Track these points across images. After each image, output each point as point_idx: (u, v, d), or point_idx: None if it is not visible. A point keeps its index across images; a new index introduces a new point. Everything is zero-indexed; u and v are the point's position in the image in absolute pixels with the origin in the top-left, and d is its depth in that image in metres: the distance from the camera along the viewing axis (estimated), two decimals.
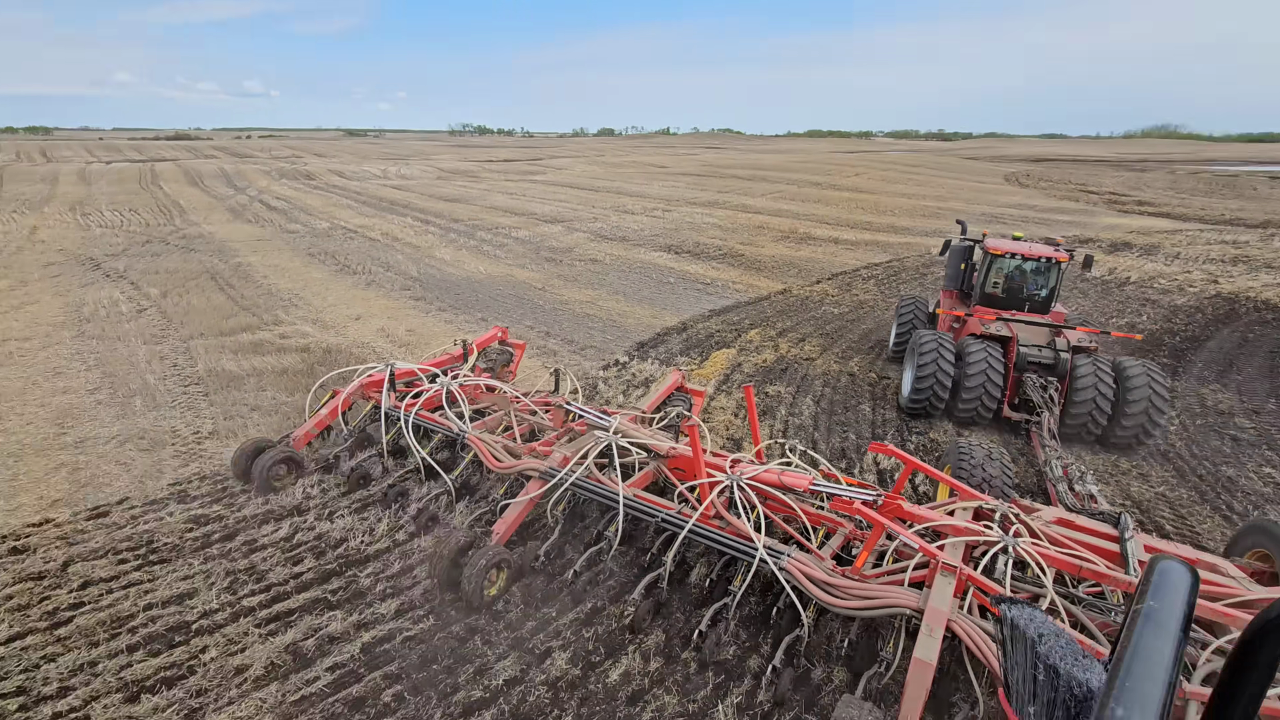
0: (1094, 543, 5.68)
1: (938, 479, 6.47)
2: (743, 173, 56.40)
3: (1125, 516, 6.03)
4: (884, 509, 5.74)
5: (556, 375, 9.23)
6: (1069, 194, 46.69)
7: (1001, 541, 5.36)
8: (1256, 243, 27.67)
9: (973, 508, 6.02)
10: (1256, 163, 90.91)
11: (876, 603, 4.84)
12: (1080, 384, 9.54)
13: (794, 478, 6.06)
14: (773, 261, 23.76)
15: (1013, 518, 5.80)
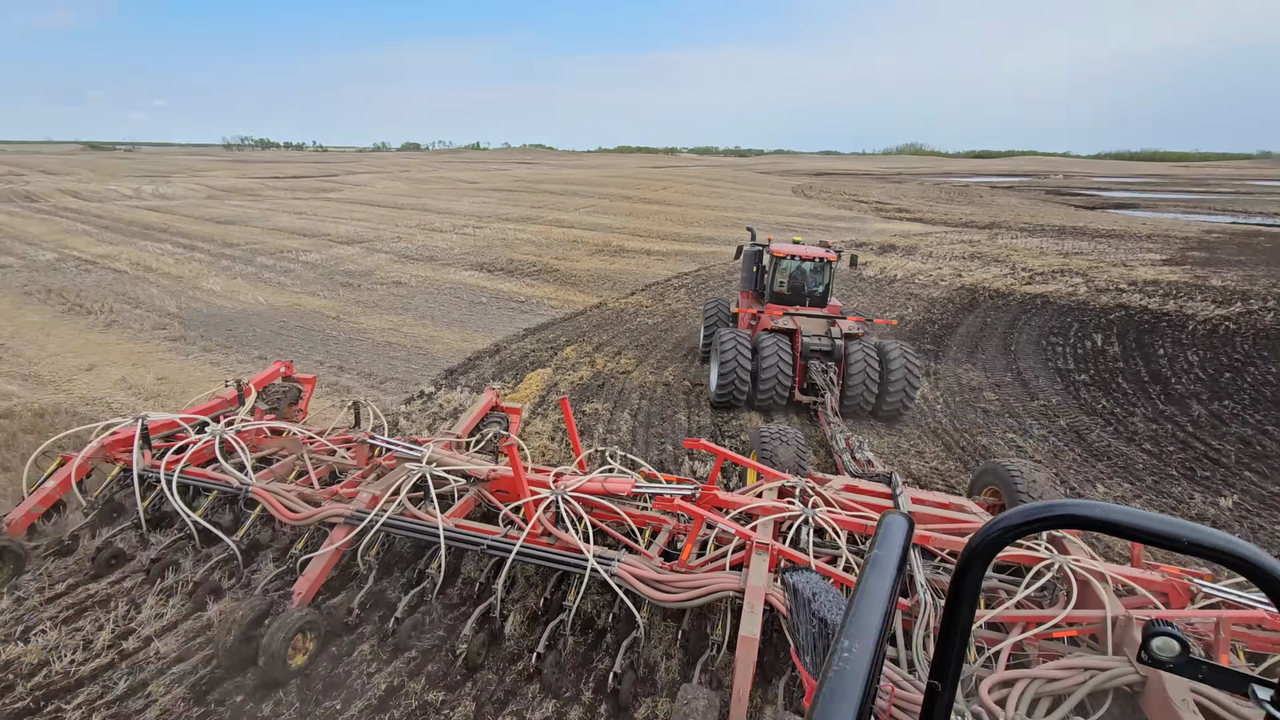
0: (874, 502, 6.49)
1: (744, 465, 7.09)
2: (555, 188, 56.49)
3: (895, 475, 6.94)
4: (702, 501, 6.01)
5: (356, 408, 8.26)
6: (845, 204, 52.76)
7: (803, 514, 5.86)
8: (985, 241, 33.12)
9: (777, 487, 6.50)
10: (981, 175, 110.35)
11: (703, 590, 5.06)
12: (853, 366, 10.89)
13: (617, 483, 6.12)
14: (588, 275, 23.73)
15: (810, 491, 6.37)
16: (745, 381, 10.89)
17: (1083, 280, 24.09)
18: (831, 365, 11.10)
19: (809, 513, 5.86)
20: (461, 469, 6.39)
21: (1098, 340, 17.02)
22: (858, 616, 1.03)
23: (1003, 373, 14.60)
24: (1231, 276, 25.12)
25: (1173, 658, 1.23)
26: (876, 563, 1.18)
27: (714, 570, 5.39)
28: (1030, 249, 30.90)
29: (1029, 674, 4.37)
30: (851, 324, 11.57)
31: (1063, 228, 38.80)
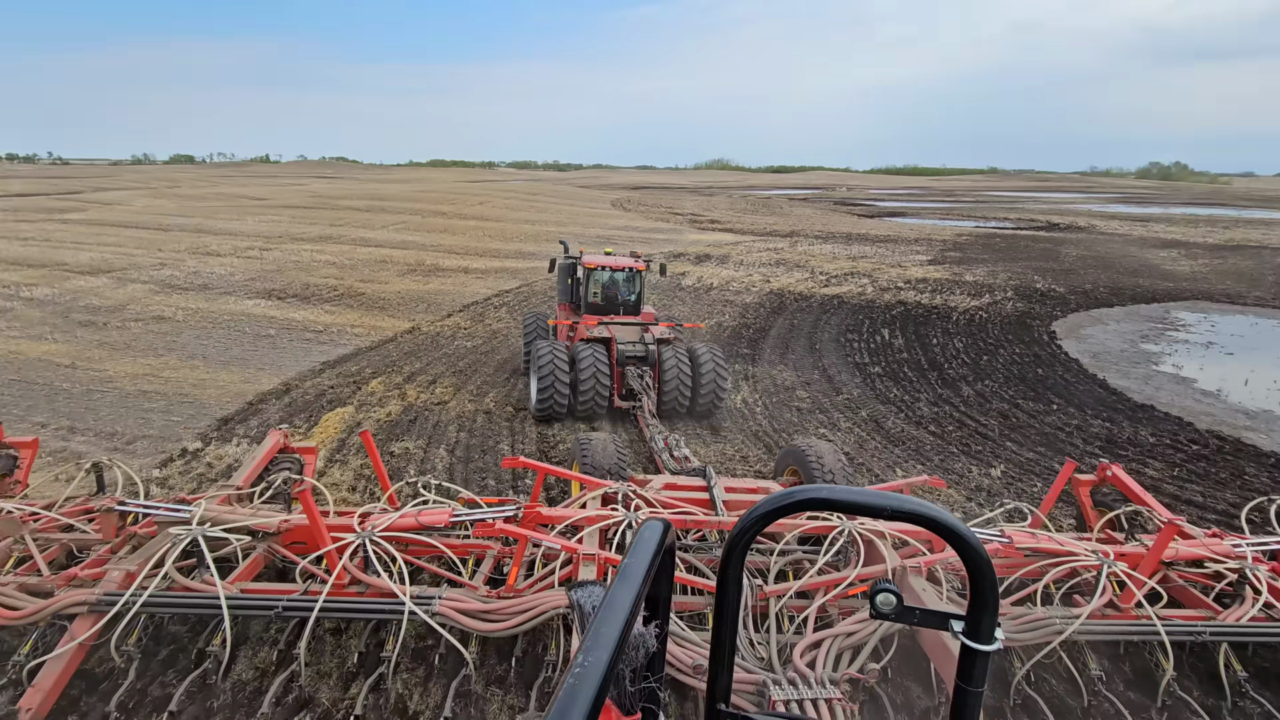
0: (693, 496, 6.72)
1: (564, 477, 7.12)
2: (360, 204, 52.30)
3: (709, 469, 7.20)
4: (525, 520, 5.86)
5: (98, 471, 6.84)
6: (662, 216, 54.84)
7: (626, 519, 5.93)
8: (788, 248, 36.00)
9: (600, 495, 6.51)
10: (779, 188, 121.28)
11: (532, 613, 4.92)
12: (667, 369, 11.38)
13: (433, 515, 5.82)
14: (398, 298, 21.90)
15: (632, 495, 6.43)
16: (565, 392, 11.02)
17: (869, 281, 26.89)
18: (647, 370, 11.48)
19: (632, 516, 5.96)
20: (244, 525, 5.67)
21: (885, 335, 18.90)
22: (596, 629, 1.05)
23: (811, 370, 15.58)
24: (980, 272, 29.55)
25: (892, 609, 1.39)
26: (625, 572, 1.19)
27: (543, 590, 5.23)
28: (825, 254, 34.08)
29: (830, 633, 4.89)
30: (664, 329, 12.02)
31: (850, 234, 43.47)
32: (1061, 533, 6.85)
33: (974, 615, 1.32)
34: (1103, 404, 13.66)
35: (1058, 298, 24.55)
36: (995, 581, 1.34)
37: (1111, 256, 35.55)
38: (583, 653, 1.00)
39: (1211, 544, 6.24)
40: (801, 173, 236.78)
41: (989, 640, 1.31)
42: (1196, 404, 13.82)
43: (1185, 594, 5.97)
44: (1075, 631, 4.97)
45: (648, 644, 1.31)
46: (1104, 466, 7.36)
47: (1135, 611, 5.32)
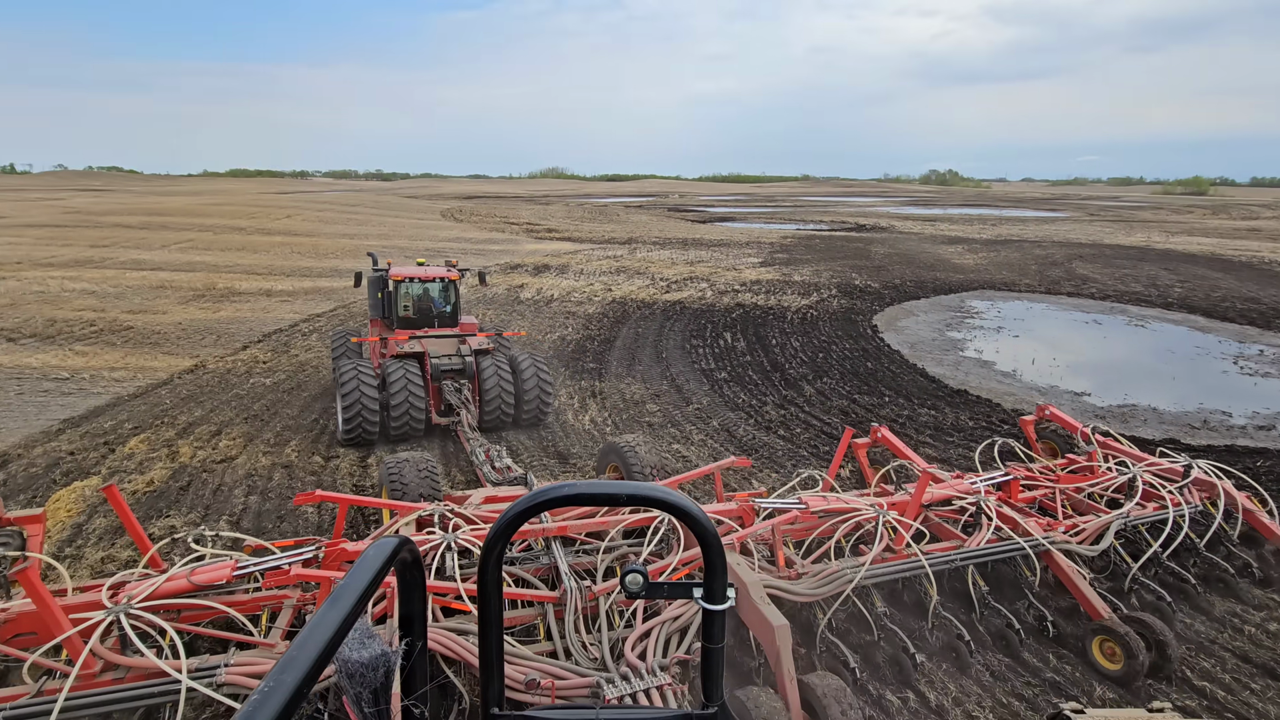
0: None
1: (371, 505, 6.82)
2: (134, 220, 44.57)
3: (529, 476, 7.34)
4: (328, 560, 5.48)
5: None
6: (496, 226, 52.75)
7: (443, 541, 5.62)
8: (627, 255, 35.89)
9: (414, 519, 6.11)
10: (615, 196, 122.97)
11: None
12: (487, 381, 11.07)
13: (210, 572, 5.13)
14: (179, 331, 18.39)
15: (450, 515, 6.14)
16: (375, 413, 10.37)
17: (708, 285, 27.36)
18: (465, 383, 11.17)
19: (449, 538, 5.67)
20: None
21: (728, 338, 19.02)
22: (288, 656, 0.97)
23: (659, 381, 15.08)
24: (806, 272, 31.33)
25: (640, 588, 1.47)
26: (333, 595, 1.12)
27: None
28: (664, 260, 34.39)
29: (658, 621, 5.06)
30: (482, 340, 11.67)
31: (685, 239, 44.53)
32: (847, 492, 7.59)
33: (708, 581, 1.44)
34: (926, 393, 14.51)
35: (874, 293, 26.53)
36: (722, 551, 1.44)
37: (912, 253, 39.57)
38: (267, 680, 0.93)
39: (956, 484, 7.30)
40: (636, 181, 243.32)
41: (722, 601, 1.44)
42: (1000, 385, 15.17)
43: (942, 530, 6.97)
44: (863, 578, 5.74)
45: (390, 663, 1.25)
46: (875, 430, 8.65)
47: (906, 551, 6.20)
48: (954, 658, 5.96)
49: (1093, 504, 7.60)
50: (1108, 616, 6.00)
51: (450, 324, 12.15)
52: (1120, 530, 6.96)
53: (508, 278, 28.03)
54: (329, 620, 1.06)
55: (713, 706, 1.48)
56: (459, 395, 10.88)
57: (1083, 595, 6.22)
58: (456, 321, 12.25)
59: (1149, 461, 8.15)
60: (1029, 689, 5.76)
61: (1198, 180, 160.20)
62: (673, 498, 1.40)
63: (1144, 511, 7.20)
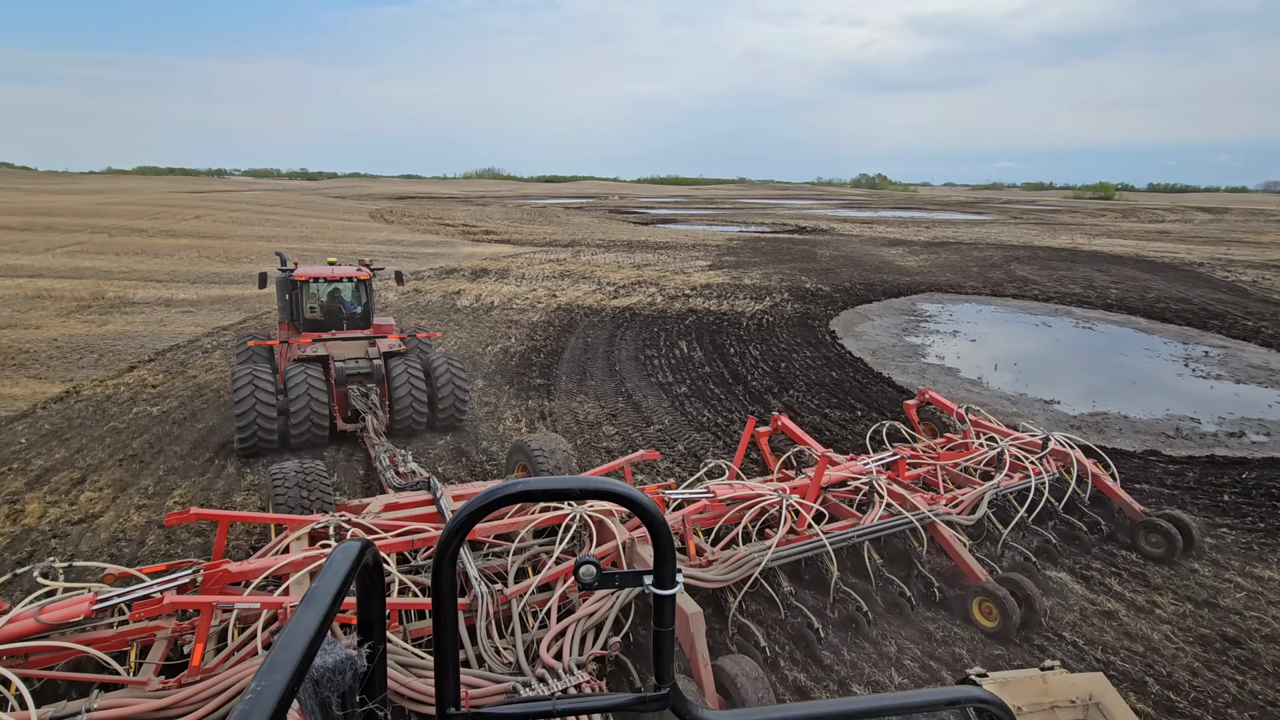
0: (419, 512, 6.40)
1: (259, 520, 6.43)
2: (13, 221, 39.84)
3: (433, 480, 6.93)
4: (207, 583, 5.04)
5: None
6: (430, 228, 50.14)
7: None
8: (570, 259, 34.35)
9: (306, 533, 5.77)
10: (554, 197, 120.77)
11: (231, 692, 4.19)
12: (396, 384, 10.66)
13: (62, 608, 4.55)
14: (52, 349, 15.81)
15: (346, 525, 5.83)
16: (272, 420, 9.77)
17: (657, 290, 26.18)
18: (373, 387, 10.72)
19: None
20: None
21: (684, 347, 17.86)
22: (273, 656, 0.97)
23: (614, 398, 13.74)
24: (755, 275, 30.61)
25: (594, 578, 1.46)
26: (309, 597, 1.13)
27: (243, 660, 4.53)
28: (610, 263, 33.03)
29: (573, 619, 5.02)
30: (393, 341, 11.17)
31: (630, 242, 43.28)
32: (752, 479, 7.67)
33: (659, 567, 1.47)
34: (896, 404, 13.70)
35: (826, 296, 25.98)
36: (671, 538, 1.47)
37: (856, 255, 39.61)
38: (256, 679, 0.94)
39: (850, 466, 7.71)
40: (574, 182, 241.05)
41: (671, 585, 1.48)
42: (969, 394, 14.56)
43: (840, 509, 7.36)
44: (770, 561, 6.06)
45: (356, 666, 1.25)
46: (775, 418, 9.06)
47: (808, 532, 6.56)
48: (854, 628, 6.35)
49: (968, 477, 8.39)
50: (985, 579, 6.56)
51: (362, 326, 11.60)
52: (992, 499, 7.69)
53: (443, 283, 26.07)
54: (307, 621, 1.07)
55: (665, 687, 1.50)
56: (365, 400, 10.45)
57: (963, 561, 6.78)
58: (369, 323, 11.69)
59: (1014, 436, 9.01)
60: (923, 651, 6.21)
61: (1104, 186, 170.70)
62: (623, 489, 1.44)
63: (1011, 481, 8.00)
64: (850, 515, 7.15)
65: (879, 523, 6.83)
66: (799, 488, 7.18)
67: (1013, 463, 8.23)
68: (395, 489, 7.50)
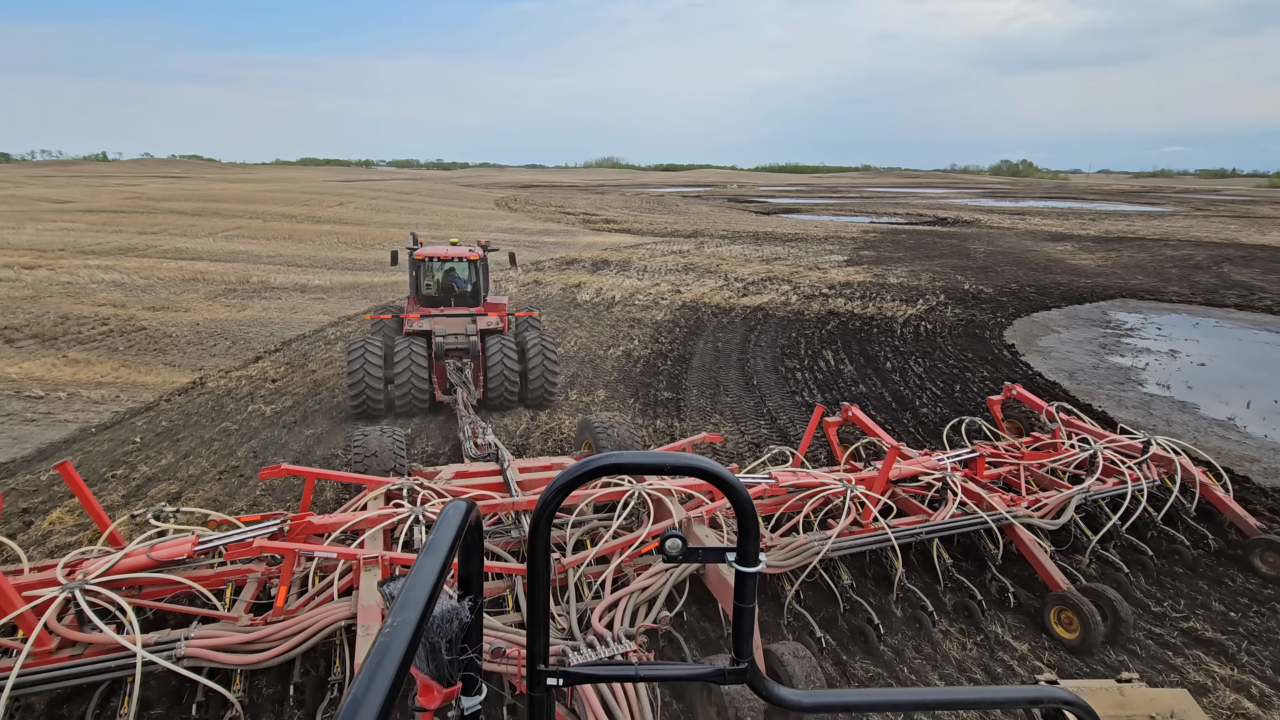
0: (487, 481, 6.73)
1: (340, 479, 6.76)
2: (189, 207, 43.75)
3: (501, 451, 7.45)
4: (293, 532, 5.43)
5: None
6: (551, 216, 50.08)
7: (412, 514, 5.61)
8: (694, 251, 32.47)
9: (382, 493, 6.19)
10: (671, 186, 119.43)
11: (307, 633, 4.56)
12: (490, 360, 11.00)
13: (170, 547, 5.04)
14: (193, 333, 16.09)
15: (418, 488, 6.22)
16: (378, 388, 10.47)
17: (790, 288, 23.74)
18: (468, 363, 11.22)
19: (418, 511, 5.67)
20: None
21: (829, 359, 15.50)
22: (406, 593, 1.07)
23: (755, 421, 11.74)
24: (901, 273, 27.29)
25: (679, 551, 1.51)
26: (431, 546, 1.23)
27: (320, 605, 4.81)
28: (736, 256, 30.82)
29: (626, 592, 5.20)
30: (492, 319, 11.53)
31: (756, 233, 40.74)
32: (817, 468, 7.47)
33: (742, 544, 1.49)
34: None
35: (990, 300, 22.42)
36: (756, 515, 1.50)
37: (1015, 251, 34.83)
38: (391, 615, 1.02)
39: (923, 460, 7.48)
40: (691, 170, 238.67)
41: (755, 563, 1.50)
42: (1224, 443, 11.17)
43: (909, 504, 7.04)
44: (830, 550, 5.90)
45: (461, 616, 1.33)
46: (846, 408, 8.65)
47: (873, 525, 6.35)
48: (918, 628, 6.02)
49: (1055, 480, 7.81)
50: (1066, 587, 6.09)
51: (471, 303, 12.04)
52: (1081, 505, 7.19)
53: (563, 275, 25.06)
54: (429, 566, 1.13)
55: (743, 662, 1.51)
56: (460, 375, 10.95)
57: (1042, 567, 6.32)
58: (478, 301, 12.13)
59: (1110, 438, 8.37)
60: (990, 657, 5.79)
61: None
62: (712, 466, 1.46)
63: (1104, 486, 7.42)
64: (920, 511, 6.87)
65: (950, 521, 6.54)
66: (866, 479, 6.93)
67: (1106, 466, 7.75)
68: (471, 459, 7.91)
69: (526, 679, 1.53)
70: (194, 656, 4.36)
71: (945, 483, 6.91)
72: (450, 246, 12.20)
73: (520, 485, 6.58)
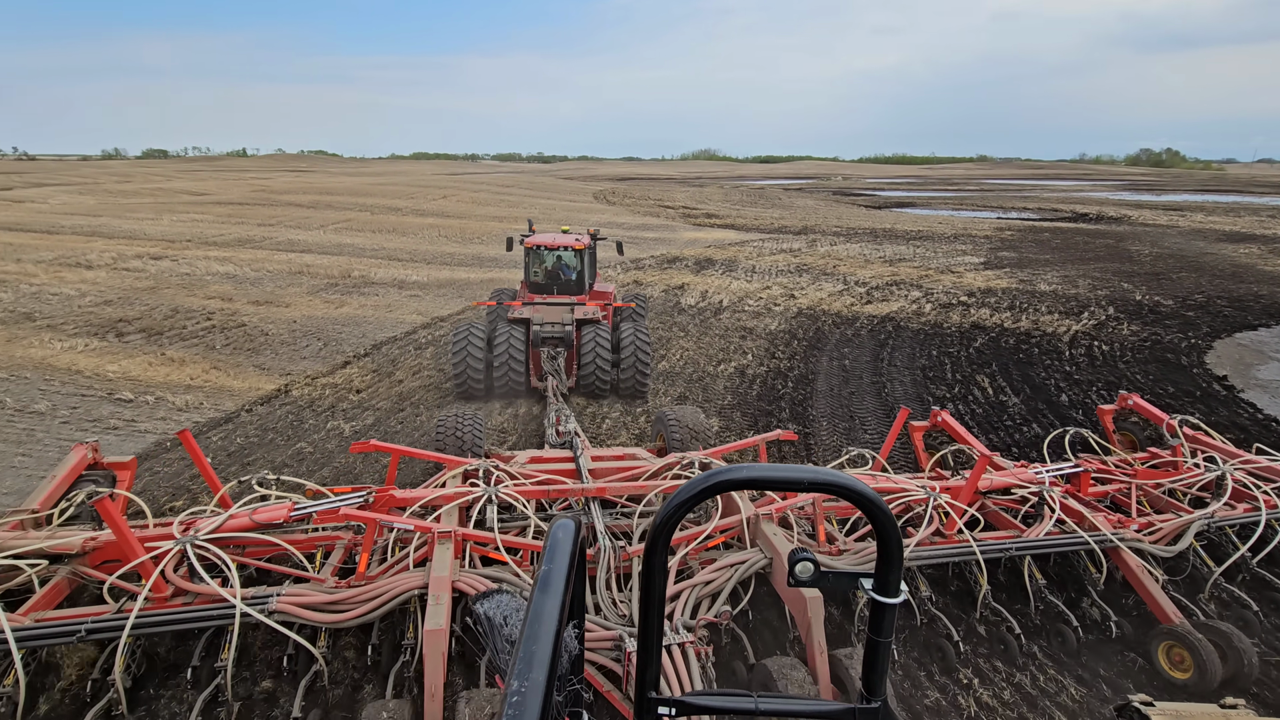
0: (560, 467, 6.90)
1: (422, 457, 7.23)
2: (305, 199, 45.61)
3: (575, 440, 7.56)
4: (376, 504, 5.79)
5: None
6: (650, 210, 48.57)
7: (485, 494, 5.90)
8: (806, 249, 29.88)
9: (460, 472, 6.53)
10: (771, 178, 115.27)
11: (384, 598, 4.77)
12: (584, 350, 11.16)
13: (269, 511, 5.57)
14: (289, 331, 15.66)
15: (493, 470, 6.49)
16: (480, 371, 10.96)
17: (922, 294, 20.90)
18: (561, 351, 11.30)
19: (491, 490, 5.91)
20: (38, 549, 5.13)
21: (985, 386, 12.91)
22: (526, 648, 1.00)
23: (904, 464, 9.54)
24: (1052, 278, 23.64)
25: (810, 576, 1.46)
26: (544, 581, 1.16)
27: (397, 573, 5.08)
28: (854, 256, 27.99)
29: (689, 584, 5.17)
30: (590, 310, 11.64)
31: (873, 229, 37.42)
32: (899, 474, 7.15)
33: (882, 572, 1.39)
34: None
35: (1173, 314, 18.70)
36: (900, 541, 1.38)
37: (1188, 254, 29.82)
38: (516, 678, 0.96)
39: (1018, 472, 7.00)
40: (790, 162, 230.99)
41: (895, 594, 1.37)
42: None
43: (999, 518, 6.64)
44: (907, 559, 5.42)
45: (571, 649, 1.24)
46: (935, 413, 8.22)
47: (957, 537, 5.94)
48: (1002, 650, 5.66)
49: (1173, 502, 6.93)
50: (1179, 622, 5.50)
51: (576, 291, 12.25)
52: (1202, 531, 6.34)
53: (664, 274, 23.37)
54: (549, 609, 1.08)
55: (875, 701, 1.41)
56: (553, 363, 11.16)
57: (1152, 597, 5.70)
58: (583, 290, 12.32)
59: (1243, 458, 7.36)
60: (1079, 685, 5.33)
61: None
62: (855, 485, 1.36)
63: (1232, 512, 6.55)
64: (1011, 526, 6.43)
65: (1045, 538, 5.97)
66: (952, 489, 6.51)
67: (1237, 490, 6.85)
68: (551, 445, 8.13)
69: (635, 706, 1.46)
70: (283, 612, 4.69)
71: (1042, 497, 6.44)
72: (557, 235, 12.49)
73: (591, 473, 6.69)
